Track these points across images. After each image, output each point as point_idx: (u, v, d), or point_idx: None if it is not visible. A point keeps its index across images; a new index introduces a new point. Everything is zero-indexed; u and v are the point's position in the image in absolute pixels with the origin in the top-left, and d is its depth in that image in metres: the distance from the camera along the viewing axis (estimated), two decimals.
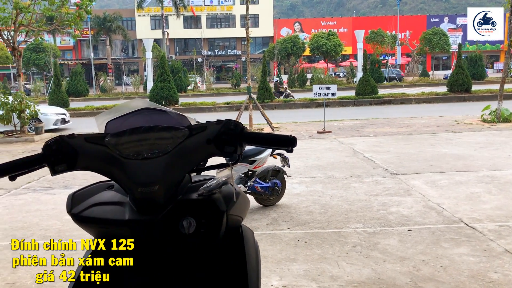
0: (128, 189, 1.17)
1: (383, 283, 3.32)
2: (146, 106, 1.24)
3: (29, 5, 12.94)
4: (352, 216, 4.90)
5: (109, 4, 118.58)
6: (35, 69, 45.21)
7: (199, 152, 1.23)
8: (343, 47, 45.95)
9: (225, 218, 1.22)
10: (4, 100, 12.78)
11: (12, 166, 1.18)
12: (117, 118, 1.22)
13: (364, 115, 16.04)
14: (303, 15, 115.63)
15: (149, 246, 1.20)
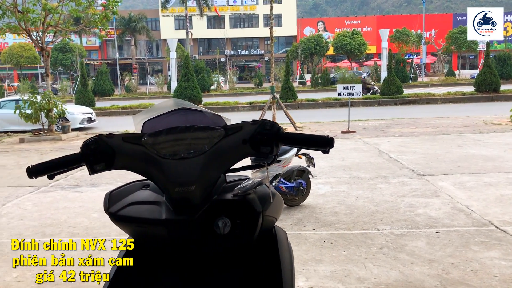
0: (165, 188, 1.17)
1: (411, 286, 3.27)
2: (183, 106, 1.25)
3: (57, 6, 13.19)
4: (378, 217, 4.84)
5: (134, 5, 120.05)
6: (62, 69, 46.12)
7: (235, 152, 1.22)
8: (367, 46, 45.52)
9: (261, 219, 1.21)
10: (33, 100, 13.05)
11: (52, 165, 1.20)
12: (154, 118, 1.23)
13: (389, 115, 15.85)
14: (326, 14, 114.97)
15: (185, 246, 1.20)
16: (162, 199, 1.22)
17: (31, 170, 1.19)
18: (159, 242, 1.21)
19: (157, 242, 1.22)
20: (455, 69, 48.26)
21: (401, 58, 34.18)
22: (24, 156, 10.16)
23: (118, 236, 4.53)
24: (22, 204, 5.96)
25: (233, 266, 1.26)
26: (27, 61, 45.16)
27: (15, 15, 12.96)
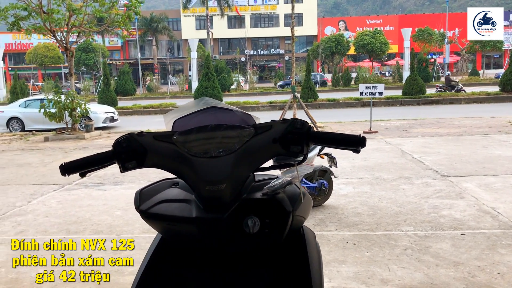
0: (195, 187, 1.18)
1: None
2: (213, 105, 1.25)
3: (81, 7, 13.39)
4: (402, 218, 4.78)
5: (155, 5, 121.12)
6: (85, 68, 46.76)
7: (265, 151, 1.22)
8: (389, 46, 45.02)
9: (291, 219, 1.20)
10: (57, 99, 13.28)
11: (85, 163, 1.21)
12: (184, 116, 1.23)
13: (412, 115, 15.65)
14: (347, 13, 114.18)
15: (214, 244, 1.20)
16: (192, 197, 1.23)
17: (65, 167, 1.21)
18: (188, 240, 1.22)
19: (186, 240, 1.22)
20: (479, 68, 47.42)
21: (424, 57, 33.71)
22: (49, 154, 10.33)
23: (142, 234, 4.59)
24: (47, 201, 6.07)
25: (261, 266, 1.25)
26: (51, 61, 45.98)
27: (40, 16, 13.19)
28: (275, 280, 1.25)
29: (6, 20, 13.35)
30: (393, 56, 55.13)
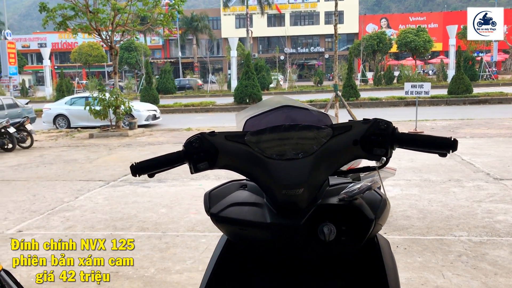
0: (270, 190, 1.10)
1: None
2: (286, 104, 1.17)
3: (125, 6, 13.63)
4: (454, 223, 4.58)
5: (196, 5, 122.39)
6: (127, 67, 47.78)
7: (344, 153, 1.14)
8: (433, 44, 43.79)
9: (373, 227, 1.12)
10: (102, 97, 13.57)
11: (156, 164, 1.16)
12: (256, 115, 1.16)
13: (458, 115, 15.14)
14: (389, 10, 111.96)
15: (287, 251, 1.13)
16: (263, 200, 1.15)
17: (136, 167, 1.15)
18: (258, 245, 1.15)
19: (256, 245, 1.15)
20: None
21: (470, 55, 32.58)
22: (94, 151, 10.57)
23: (187, 232, 4.59)
24: (94, 197, 6.17)
25: (333, 275, 1.17)
26: (94, 60, 47.24)
27: (86, 16, 13.52)
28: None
29: (54, 20, 13.74)
30: (436, 54, 53.63)
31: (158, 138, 12.47)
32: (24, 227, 5.02)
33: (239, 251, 1.20)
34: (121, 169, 8.10)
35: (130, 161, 7.46)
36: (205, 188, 6.37)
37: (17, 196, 6.42)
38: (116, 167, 8.28)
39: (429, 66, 53.44)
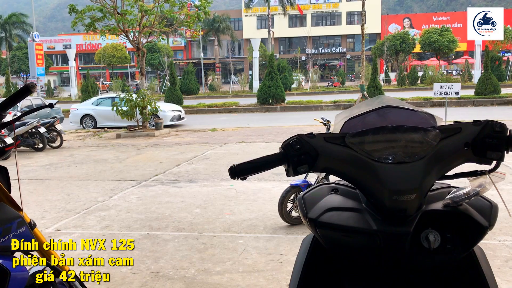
0: (376, 195, 1.06)
1: None
2: (389, 104, 1.12)
3: (152, 8, 13.75)
4: (496, 227, 4.44)
5: (216, 6, 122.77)
6: (150, 68, 48.20)
7: (455, 157, 1.09)
8: (457, 44, 43.09)
9: (484, 235, 1.07)
10: (128, 97, 13.71)
11: (255, 166, 1.11)
12: (356, 116, 1.12)
13: (487, 116, 14.82)
14: (411, 10, 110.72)
15: (392, 259, 1.08)
16: (361, 205, 1.11)
17: (235, 170, 1.10)
18: (359, 252, 1.10)
19: (356, 252, 1.11)
20: None
21: (496, 55, 31.98)
22: (122, 151, 10.67)
23: (223, 233, 4.57)
24: (127, 197, 6.22)
25: (430, 285, 1.13)
26: (118, 61, 47.79)
27: (114, 17, 13.68)
28: None
29: (83, 21, 13.94)
30: (461, 55, 52.77)
31: (184, 138, 12.53)
32: (61, 226, 5.08)
33: (326, 254, 1.16)
34: (151, 169, 8.16)
35: (159, 161, 7.50)
36: (236, 189, 6.38)
37: (51, 195, 6.51)
38: (146, 167, 8.33)
39: (452, 67, 52.64)
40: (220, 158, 9.03)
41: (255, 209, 5.42)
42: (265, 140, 11.27)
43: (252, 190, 6.29)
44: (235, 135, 12.69)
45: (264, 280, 3.52)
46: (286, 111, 21.22)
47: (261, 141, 11.05)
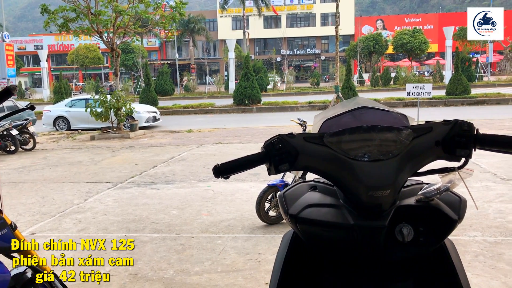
0: (353, 192, 1.11)
1: None
2: (364, 105, 1.18)
3: (127, 8, 13.63)
4: (467, 223, 4.61)
5: (191, 6, 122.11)
6: (124, 69, 47.63)
7: (427, 155, 1.15)
8: (429, 45, 43.99)
9: (455, 227, 1.14)
10: (103, 99, 13.55)
11: (238, 165, 1.16)
12: (334, 117, 1.17)
13: (457, 115, 15.12)
14: (384, 12, 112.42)
15: (368, 253, 1.14)
16: (339, 202, 1.16)
17: (220, 169, 1.14)
18: (337, 246, 1.15)
19: (334, 246, 1.16)
20: None
21: (466, 56, 32.75)
22: (97, 153, 10.55)
23: (201, 234, 4.59)
24: (103, 199, 6.17)
25: (404, 277, 1.18)
26: (91, 62, 47.11)
27: (88, 18, 13.50)
28: None
29: (55, 22, 13.71)
30: (432, 56, 53.90)
31: (160, 140, 12.47)
32: (36, 229, 5.02)
33: (306, 250, 1.21)
34: (127, 170, 8.10)
35: (135, 162, 7.45)
36: (213, 190, 6.39)
37: (25, 198, 6.41)
38: (121, 169, 8.27)
39: (424, 67, 53.69)
40: (197, 159, 9.03)
41: (232, 210, 5.46)
42: (242, 141, 11.30)
43: (229, 190, 6.32)
44: (211, 136, 12.69)
45: (243, 279, 3.55)
46: (262, 112, 21.29)
47: (237, 142, 11.08)
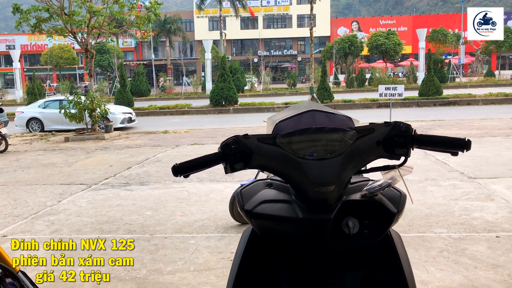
0: (301, 188, 1.20)
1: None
2: (313, 108, 1.28)
3: (101, 9, 13.53)
4: (433, 220, 4.78)
5: (168, 7, 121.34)
6: (99, 69, 47.13)
7: (369, 154, 1.25)
8: (403, 47, 44.76)
9: (395, 220, 1.23)
10: (77, 100, 13.42)
11: (196, 164, 1.24)
12: (286, 119, 1.26)
13: (429, 116, 15.57)
14: (359, 14, 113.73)
15: (317, 244, 1.23)
16: (291, 198, 1.25)
17: (178, 168, 1.23)
18: (289, 239, 1.24)
19: (286, 239, 1.25)
20: (495, 69, 46.93)
21: (439, 58, 33.48)
22: (71, 154, 10.45)
23: (175, 234, 4.64)
24: (77, 201, 6.15)
25: (353, 267, 1.28)
26: (66, 62, 46.42)
27: (61, 18, 13.35)
28: (366, 282, 1.27)
29: (28, 22, 13.52)
30: (406, 57, 54.80)
31: (135, 141, 12.42)
32: (8, 231, 4.98)
33: (264, 244, 1.30)
34: (101, 172, 8.07)
35: (109, 164, 7.43)
36: (188, 191, 6.43)
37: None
38: (96, 171, 8.23)
39: (399, 69, 54.56)
40: (172, 160, 9.03)
41: (207, 210, 5.51)
42: (218, 141, 11.29)
43: (204, 191, 6.37)
44: (187, 137, 12.69)
45: (215, 277, 3.62)
46: (239, 113, 21.36)
47: (214, 143, 11.13)
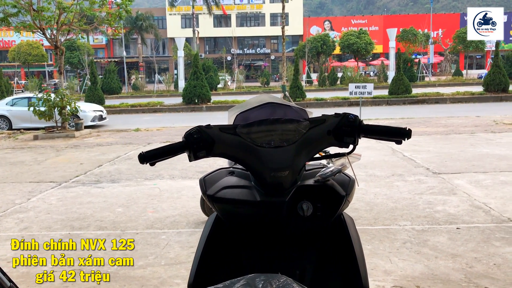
0: (259, 173, 1.30)
1: (437, 279, 3.38)
2: (271, 101, 1.38)
3: (71, 5, 13.34)
4: (398, 214, 4.95)
5: (140, 3, 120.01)
6: (69, 67, 46.28)
7: (320, 142, 1.35)
8: (374, 46, 45.48)
9: (344, 203, 1.34)
10: (46, 97, 13.21)
11: (162, 152, 1.32)
12: (246, 111, 1.36)
13: (399, 114, 15.93)
14: (332, 13, 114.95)
15: (272, 225, 1.33)
16: (251, 183, 1.36)
17: (144, 156, 1.31)
18: (248, 221, 1.34)
19: (246, 222, 1.35)
20: (462, 69, 48.19)
21: (409, 57, 34.20)
22: (41, 152, 10.31)
23: (146, 230, 4.68)
24: (47, 198, 6.10)
25: (309, 246, 1.39)
26: (34, 59, 45.44)
27: (30, 14, 13.11)
28: (321, 261, 1.38)
29: None
30: (377, 56, 55.73)
31: (106, 139, 12.32)
32: None
33: (227, 228, 1.39)
34: (71, 170, 8.00)
35: (80, 162, 7.38)
36: (160, 188, 6.46)
37: None
38: (66, 168, 8.15)
39: (370, 68, 55.47)
40: None
41: (178, 206, 5.56)
42: None
43: (176, 188, 6.41)
44: (159, 135, 12.67)
45: (186, 271, 3.68)
46: (212, 111, 21.37)
47: None
